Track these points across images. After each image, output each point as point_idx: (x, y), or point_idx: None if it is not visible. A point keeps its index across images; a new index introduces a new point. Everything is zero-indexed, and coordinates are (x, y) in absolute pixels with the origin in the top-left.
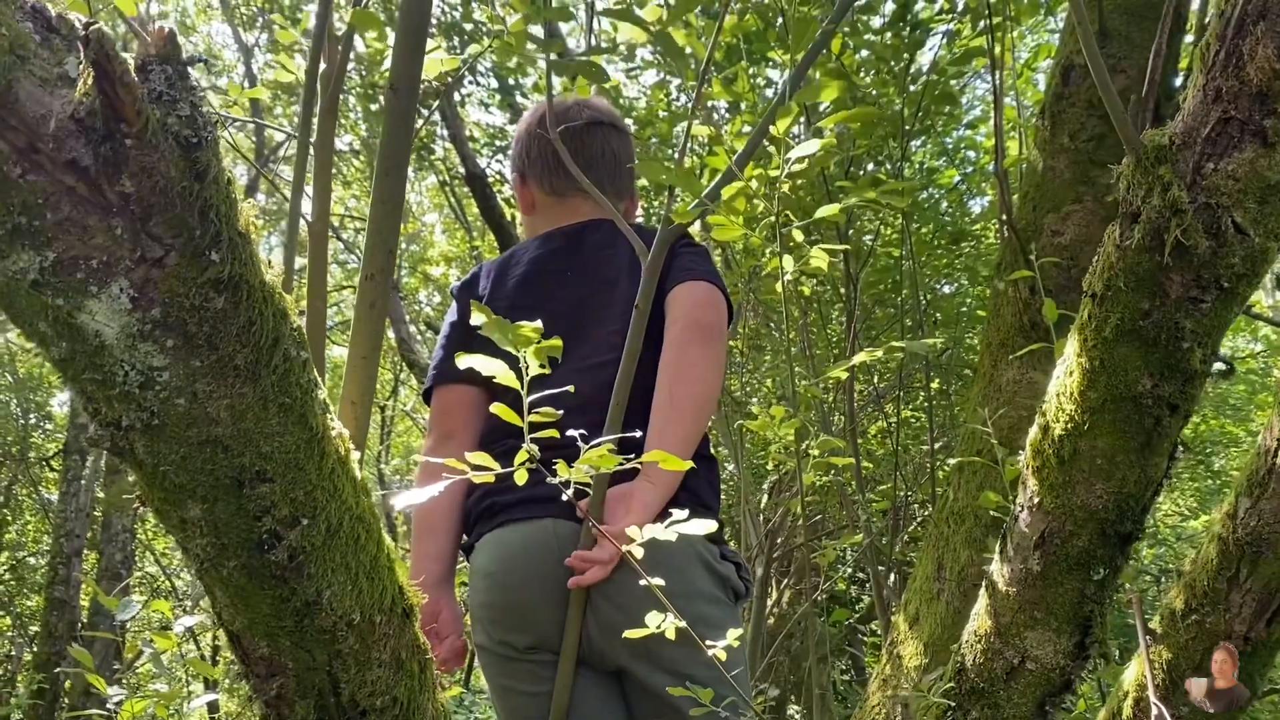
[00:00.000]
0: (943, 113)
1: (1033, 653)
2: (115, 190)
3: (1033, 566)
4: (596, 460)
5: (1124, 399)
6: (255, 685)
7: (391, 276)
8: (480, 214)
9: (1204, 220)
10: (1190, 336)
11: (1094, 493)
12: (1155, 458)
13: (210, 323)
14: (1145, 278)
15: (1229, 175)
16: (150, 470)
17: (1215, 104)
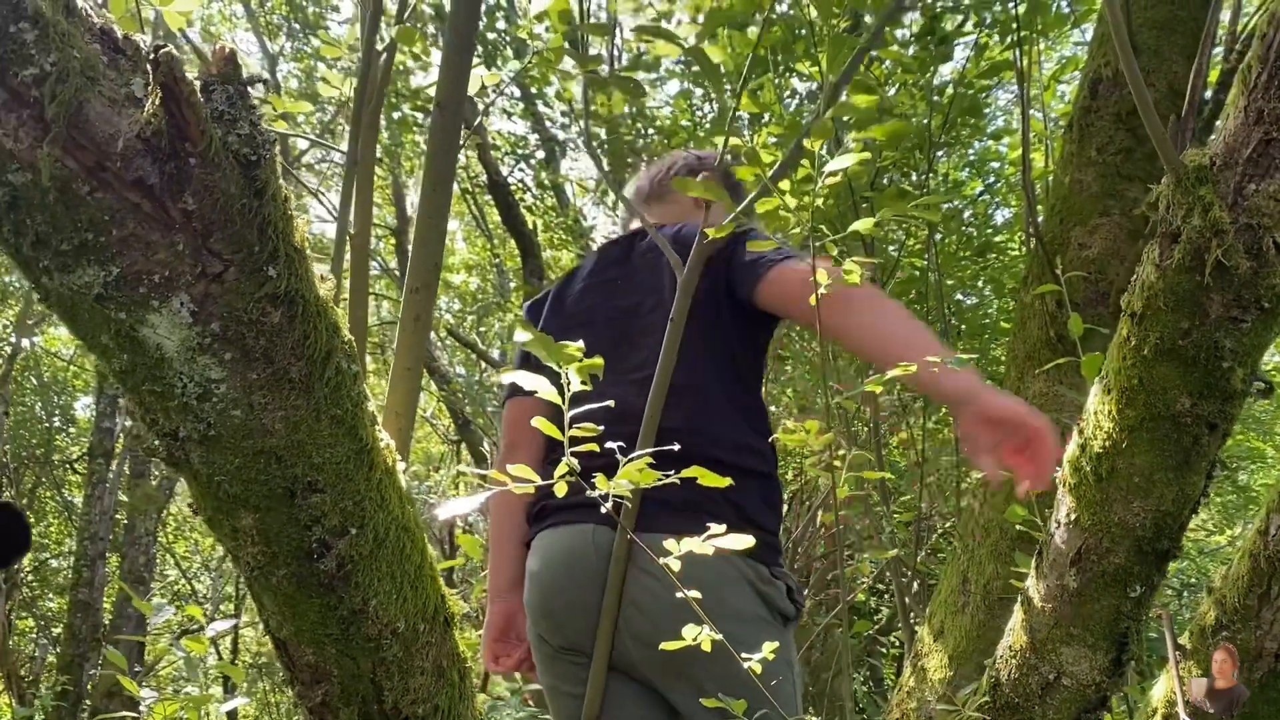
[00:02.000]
0: (967, 124)
1: (1069, 669)
2: (178, 207)
3: (1069, 583)
4: (635, 475)
5: (1163, 418)
6: (300, 692)
7: (436, 290)
8: (502, 221)
9: (1245, 241)
10: (1230, 356)
11: (1131, 510)
12: (1193, 476)
13: (267, 336)
14: (1185, 297)
15: (1271, 196)
16: (205, 480)
17: (1257, 125)
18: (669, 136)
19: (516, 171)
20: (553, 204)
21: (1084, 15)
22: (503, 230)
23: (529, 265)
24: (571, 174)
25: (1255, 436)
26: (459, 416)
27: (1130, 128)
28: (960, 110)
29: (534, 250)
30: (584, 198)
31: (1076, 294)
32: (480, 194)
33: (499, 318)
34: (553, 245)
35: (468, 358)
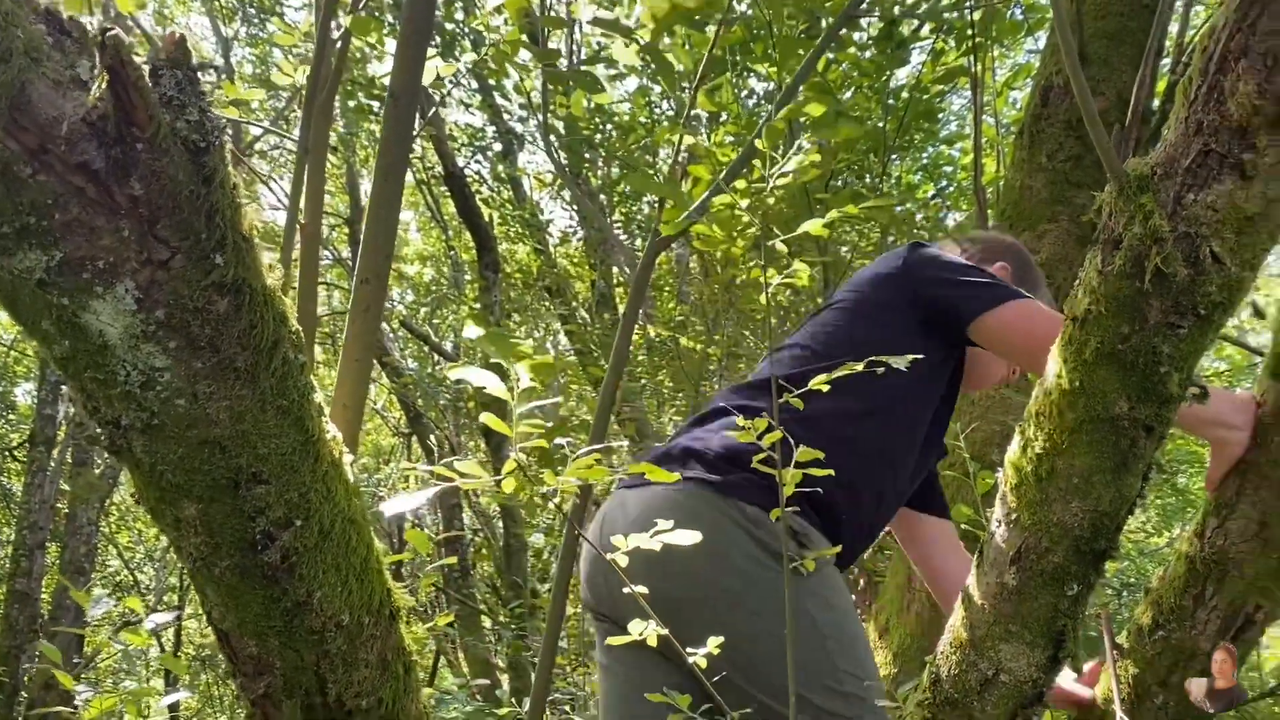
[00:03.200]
0: (921, 128)
1: (1007, 665)
2: (124, 193)
3: (1008, 581)
4: (584, 473)
5: (1101, 420)
6: (242, 684)
7: (387, 281)
8: (457, 213)
9: (1183, 249)
10: (1168, 361)
11: (1070, 510)
12: (1130, 478)
13: (213, 325)
14: (1125, 303)
15: (1208, 206)
16: (147, 469)
17: (1196, 136)
18: (626, 133)
19: (473, 163)
20: (509, 197)
21: (1038, 24)
22: (458, 222)
23: (485, 258)
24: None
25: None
26: (410, 409)
27: (1079, 135)
28: (915, 114)
29: (490, 243)
30: (541, 191)
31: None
32: (436, 185)
33: (453, 310)
34: (509, 238)
35: (420, 350)
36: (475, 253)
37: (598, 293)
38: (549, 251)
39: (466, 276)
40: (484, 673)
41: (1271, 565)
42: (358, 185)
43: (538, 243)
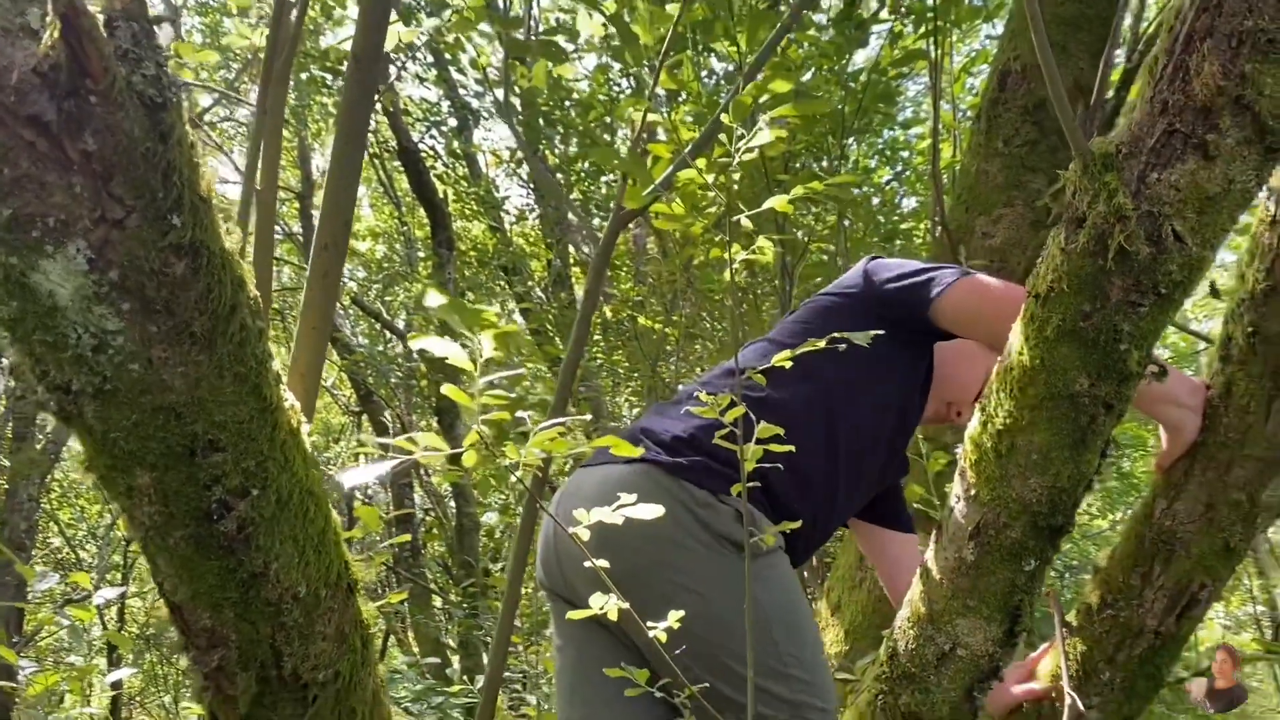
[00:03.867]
0: (879, 111)
1: (964, 639)
2: (77, 148)
3: (967, 556)
4: (545, 445)
5: (1062, 397)
6: (195, 657)
7: (345, 248)
8: (411, 189)
9: (1146, 228)
10: (1128, 339)
11: (1029, 486)
12: (1088, 454)
13: (169, 288)
14: (1088, 281)
15: (1171, 185)
16: (99, 436)
17: (1161, 116)
18: (586, 110)
19: (428, 138)
20: (464, 174)
21: (996, 9)
22: (411, 198)
23: (439, 235)
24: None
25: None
26: (361, 387)
27: (1036, 120)
28: (873, 97)
29: (445, 220)
30: (497, 168)
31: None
32: (390, 159)
33: (405, 287)
34: (464, 216)
35: (371, 327)
36: (429, 229)
37: (554, 272)
38: (504, 229)
39: (420, 253)
40: (434, 651)
41: (1217, 545)
42: (309, 158)
43: (493, 220)
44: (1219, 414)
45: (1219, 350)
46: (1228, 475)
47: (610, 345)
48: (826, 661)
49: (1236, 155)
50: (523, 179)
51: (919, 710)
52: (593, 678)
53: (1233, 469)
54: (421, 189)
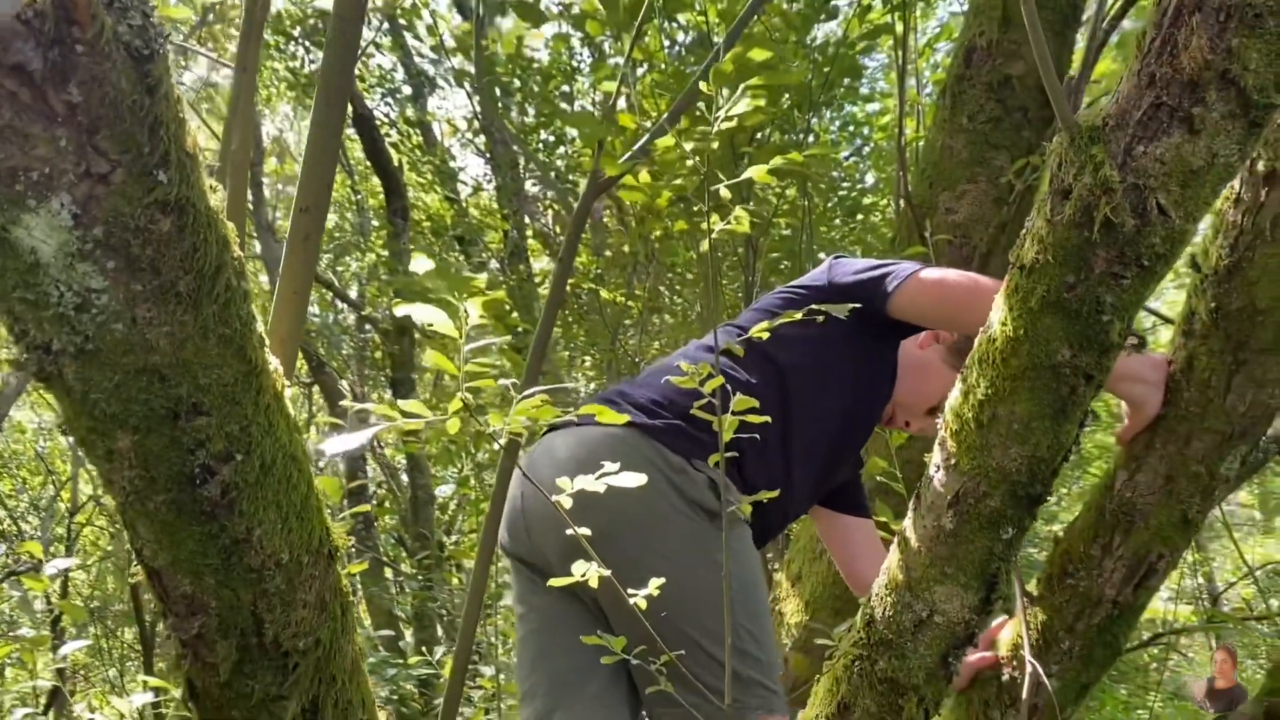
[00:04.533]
0: (844, 85)
1: (941, 606)
2: (62, 99)
3: (945, 524)
4: (531, 411)
5: (1044, 367)
6: (174, 624)
7: (327, 210)
8: (366, 157)
9: (1132, 200)
10: (1110, 310)
11: (1009, 456)
12: (1068, 424)
13: (155, 245)
14: (1073, 252)
15: (1157, 159)
16: (79, 398)
17: (1149, 89)
18: (547, 79)
19: (383, 105)
20: (419, 142)
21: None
22: (365, 166)
23: (394, 204)
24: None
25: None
26: (313, 358)
27: (1000, 98)
28: (840, 71)
29: (399, 189)
30: (453, 137)
31: (942, 257)
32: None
33: (357, 257)
34: (419, 185)
35: (323, 297)
36: (384, 198)
37: (511, 244)
38: (460, 200)
39: (374, 223)
40: (387, 624)
41: (1175, 516)
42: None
43: (449, 191)
44: (1180, 388)
45: (1182, 325)
46: (1187, 448)
47: (566, 319)
48: (774, 649)
49: (1221, 129)
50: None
51: (895, 676)
52: (559, 645)
53: (1192, 442)
54: (376, 157)
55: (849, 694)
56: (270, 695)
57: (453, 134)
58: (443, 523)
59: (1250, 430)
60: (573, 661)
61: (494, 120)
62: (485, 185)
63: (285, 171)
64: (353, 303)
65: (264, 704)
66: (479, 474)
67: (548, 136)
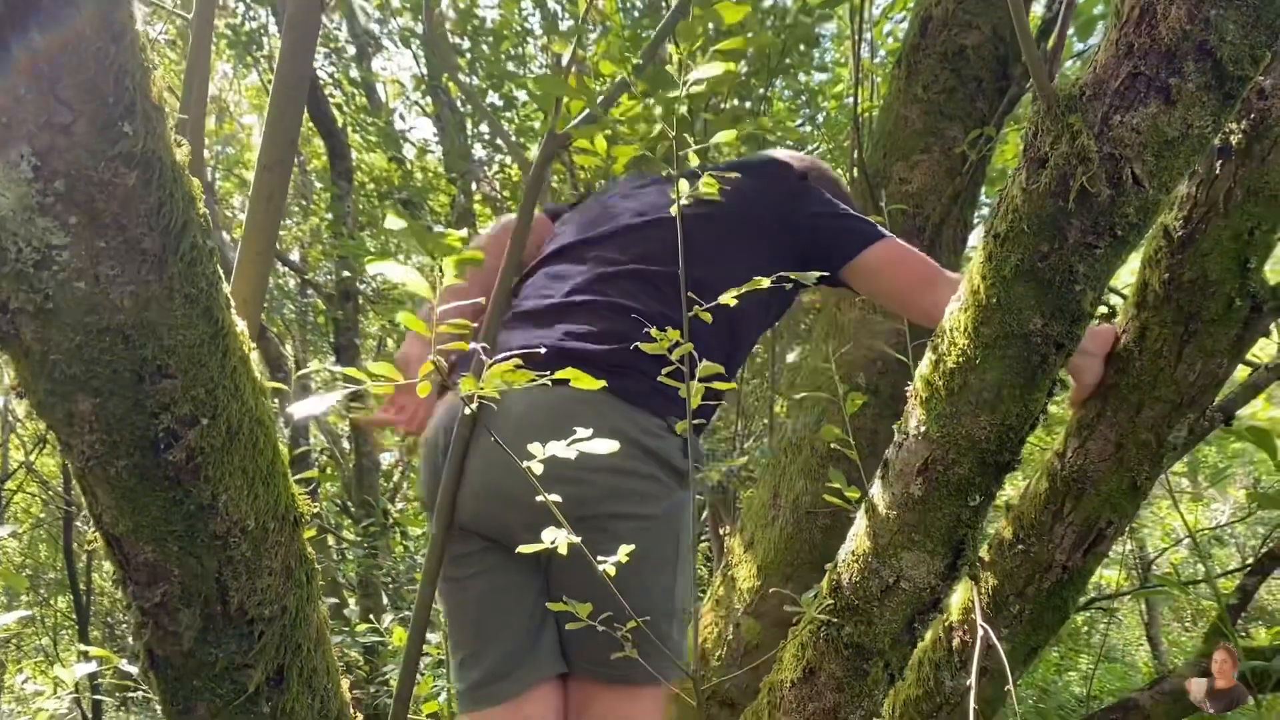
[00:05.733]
0: (800, 53)
1: (907, 573)
2: (22, 44)
3: (914, 491)
4: (505, 375)
5: (1015, 336)
6: (135, 592)
7: (291, 168)
8: (309, 118)
9: (1108, 169)
10: (1083, 280)
11: (978, 424)
12: (1037, 393)
13: (119, 201)
14: (1047, 221)
15: (1133, 128)
16: (38, 359)
17: (1127, 59)
18: (498, 41)
19: (327, 65)
20: (364, 103)
21: None
22: (308, 128)
23: (337, 166)
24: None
25: None
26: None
27: (955, 68)
28: (796, 39)
29: (343, 150)
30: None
31: (896, 226)
32: None
33: (299, 220)
34: (363, 148)
35: None
36: (327, 160)
37: (458, 208)
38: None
39: (317, 185)
40: (331, 591)
41: (1124, 483)
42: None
43: (395, 153)
44: (1132, 357)
45: (1135, 296)
46: (1138, 416)
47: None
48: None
49: (1196, 100)
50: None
51: (861, 641)
52: (514, 609)
53: (1143, 410)
54: (320, 118)
55: (815, 659)
56: (235, 664)
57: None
58: (387, 490)
59: (1198, 399)
60: (526, 624)
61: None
62: (431, 148)
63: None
64: (295, 266)
65: (228, 672)
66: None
67: (495, 99)
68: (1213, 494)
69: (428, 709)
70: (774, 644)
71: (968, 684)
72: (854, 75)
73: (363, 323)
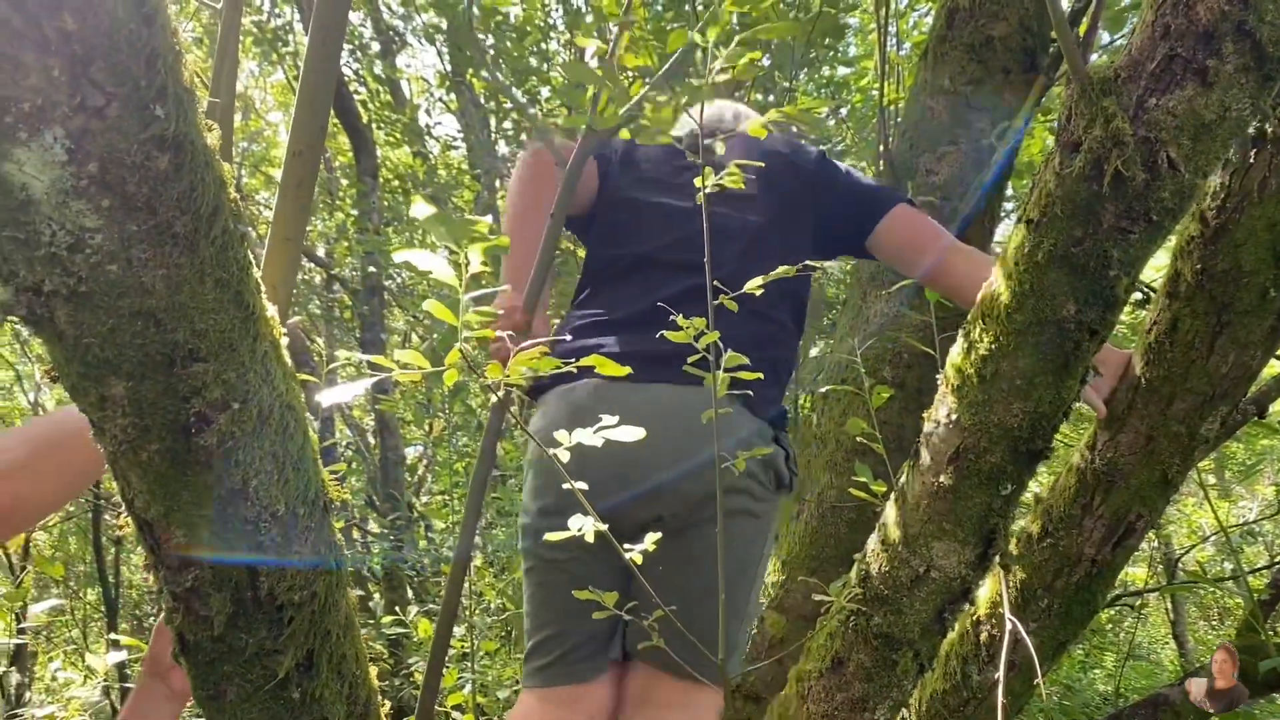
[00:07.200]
0: (825, 46)
1: (938, 562)
2: (55, 26)
3: (944, 480)
4: (531, 362)
5: (1048, 322)
6: (166, 577)
7: (320, 154)
8: (335, 114)
9: (1143, 153)
10: (1117, 265)
11: (1011, 411)
12: (1070, 380)
13: (151, 184)
14: (1081, 206)
15: (1169, 111)
16: (71, 342)
17: (1163, 40)
18: (521, 36)
19: (352, 62)
20: (388, 100)
21: None
22: (333, 124)
23: (363, 162)
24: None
25: None
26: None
27: (982, 59)
28: (822, 30)
29: (369, 146)
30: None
31: None
32: None
33: (323, 217)
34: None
35: None
36: (352, 156)
37: (482, 204)
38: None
39: (343, 181)
40: (356, 584)
41: (1155, 476)
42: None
43: (420, 149)
44: (1164, 349)
45: (1166, 287)
46: (1169, 409)
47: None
48: None
49: (1234, 82)
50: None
51: (890, 631)
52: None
53: (1174, 403)
54: (344, 114)
55: (843, 649)
56: (265, 649)
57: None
58: (411, 484)
59: (1231, 391)
60: (608, 612)
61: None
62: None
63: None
64: (321, 262)
65: (258, 658)
66: (452, 434)
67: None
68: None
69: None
70: (798, 638)
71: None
72: (879, 67)
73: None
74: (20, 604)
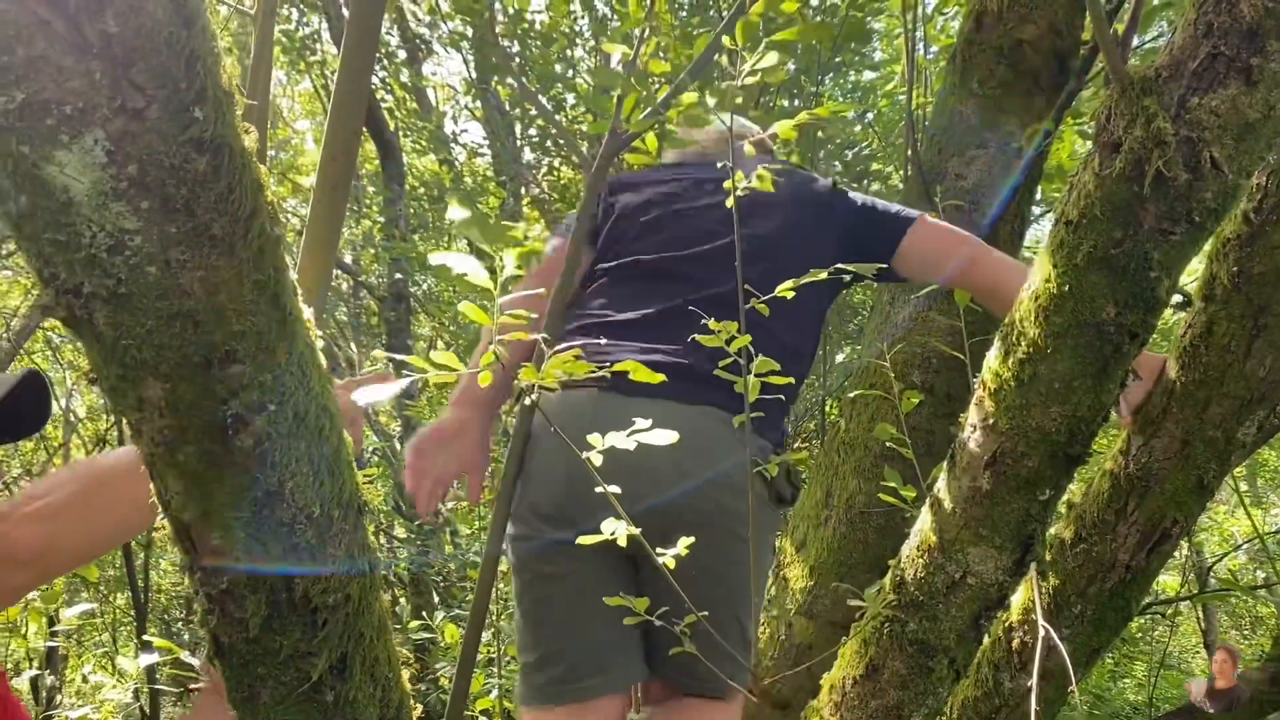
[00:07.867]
0: (851, 51)
1: (974, 568)
2: (96, 29)
3: (982, 485)
4: (565, 366)
5: (1087, 325)
6: (202, 579)
7: (356, 158)
8: None
9: (1185, 153)
10: (1158, 267)
11: (1049, 415)
12: (1109, 384)
13: (189, 186)
14: (1121, 207)
15: (1212, 111)
16: (110, 344)
17: (1206, 38)
18: (547, 43)
19: (378, 70)
20: (415, 107)
21: None
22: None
23: (389, 170)
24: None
25: None
26: None
27: (1011, 62)
28: (847, 35)
29: (395, 154)
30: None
31: (952, 222)
32: None
33: (350, 224)
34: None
35: None
36: (379, 164)
37: (507, 211)
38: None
39: (370, 189)
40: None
41: (1191, 481)
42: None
43: (445, 156)
44: (1199, 353)
45: (1201, 290)
46: (1205, 413)
47: None
48: None
49: (1279, 81)
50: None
51: (926, 638)
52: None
53: (1210, 407)
54: (371, 123)
55: (878, 656)
56: (299, 651)
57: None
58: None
59: (1269, 395)
60: (607, 631)
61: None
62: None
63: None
64: (348, 269)
65: (292, 660)
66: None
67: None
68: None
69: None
70: (827, 644)
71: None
72: (908, 70)
73: (414, 325)
74: (54, 607)
